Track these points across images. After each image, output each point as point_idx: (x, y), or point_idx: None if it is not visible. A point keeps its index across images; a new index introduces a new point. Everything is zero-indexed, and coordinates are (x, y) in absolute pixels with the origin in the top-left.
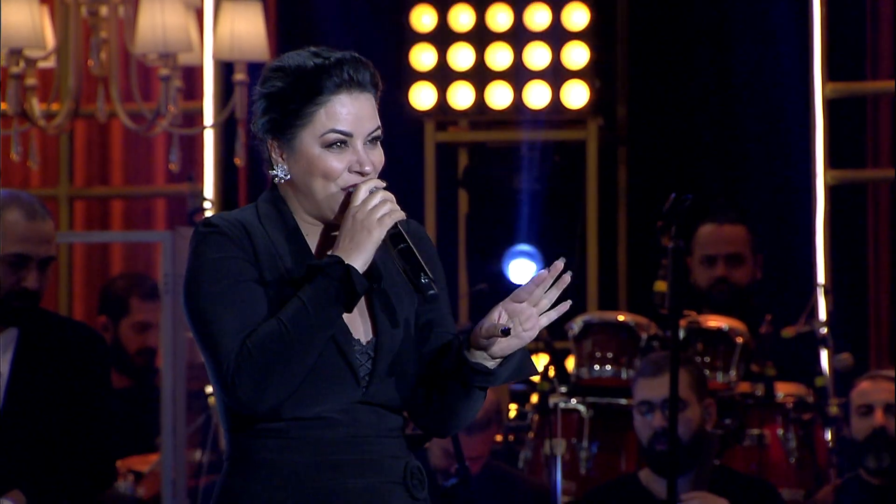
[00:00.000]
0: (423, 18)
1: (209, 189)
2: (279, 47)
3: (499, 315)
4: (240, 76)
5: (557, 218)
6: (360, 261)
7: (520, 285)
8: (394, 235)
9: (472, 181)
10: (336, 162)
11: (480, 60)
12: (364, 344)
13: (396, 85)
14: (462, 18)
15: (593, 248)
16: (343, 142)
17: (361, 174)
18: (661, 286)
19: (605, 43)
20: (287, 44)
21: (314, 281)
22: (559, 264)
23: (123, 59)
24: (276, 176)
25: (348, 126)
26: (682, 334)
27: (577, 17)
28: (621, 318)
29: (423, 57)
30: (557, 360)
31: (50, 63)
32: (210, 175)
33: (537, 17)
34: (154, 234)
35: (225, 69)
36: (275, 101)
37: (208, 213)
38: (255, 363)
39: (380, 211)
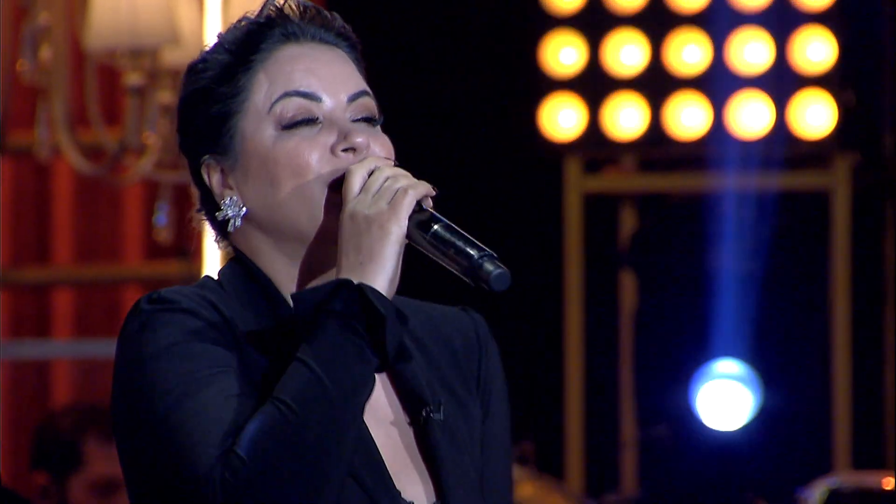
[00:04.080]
0: None
1: (212, 270)
2: None
3: None
4: None
5: (783, 318)
6: (380, 277)
7: (718, 431)
8: (421, 222)
9: (644, 256)
10: (307, 145)
11: (656, 60)
12: None
13: (520, 100)
14: None
15: (844, 369)
16: (311, 117)
17: (354, 151)
18: None
19: (862, 28)
20: None
21: (315, 327)
22: None
23: (75, 58)
24: (228, 219)
25: (309, 84)
26: None
27: None
28: (889, 483)
29: (563, 53)
30: None
31: None
32: (215, 248)
33: None
34: None
35: None
36: (197, 99)
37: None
38: (255, 476)
39: (390, 190)
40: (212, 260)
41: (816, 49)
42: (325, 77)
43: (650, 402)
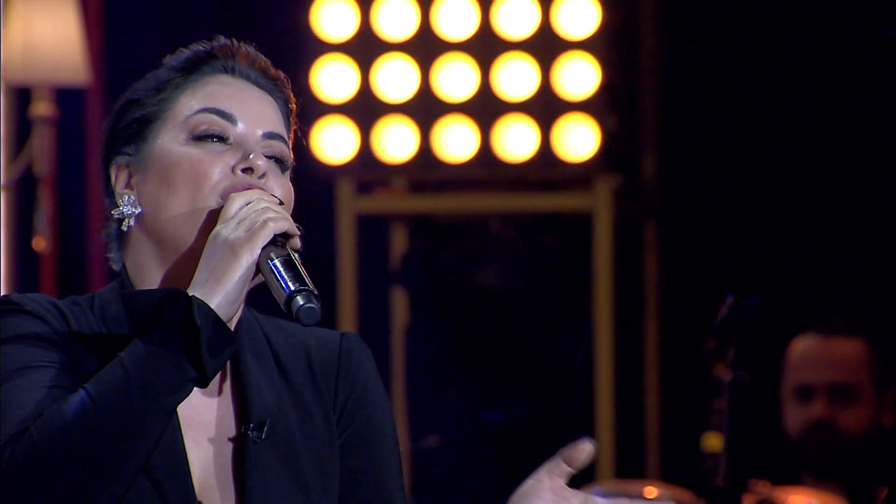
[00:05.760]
0: (336, 19)
1: None
2: (107, 60)
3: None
4: (41, 108)
5: (548, 333)
6: (218, 296)
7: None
8: (271, 256)
9: (414, 275)
10: (210, 159)
11: (425, 85)
12: None
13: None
14: (397, 19)
15: (606, 382)
16: (222, 135)
17: (252, 171)
18: (713, 442)
19: (623, 56)
20: (119, 54)
21: (141, 330)
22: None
23: None
24: (122, 217)
25: (231, 107)
26: None
27: (577, 18)
28: (650, 492)
29: (334, 78)
30: None
31: None
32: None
33: (515, 18)
34: None
35: (20, 98)
36: (127, 107)
37: None
38: (41, 454)
39: (252, 220)
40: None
41: (579, 75)
42: (248, 108)
43: (424, 413)
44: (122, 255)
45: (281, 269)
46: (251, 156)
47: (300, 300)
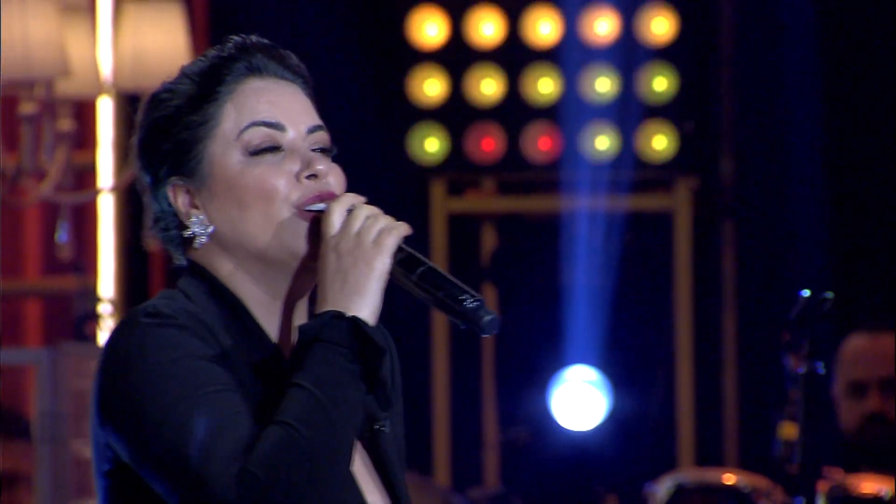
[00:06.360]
0: (429, 30)
1: (107, 285)
2: None
3: None
4: None
5: (631, 327)
6: (366, 309)
7: (573, 432)
8: (403, 260)
9: (503, 272)
10: (273, 172)
11: (513, 91)
12: None
13: (391, 128)
14: (486, 30)
15: (686, 374)
16: (275, 145)
17: (316, 177)
18: (789, 431)
19: (700, 64)
20: None
21: (311, 355)
22: None
23: None
24: (195, 236)
25: (274, 115)
26: None
27: (656, 28)
28: (729, 479)
29: (427, 85)
30: None
31: None
32: (109, 264)
33: (599, 28)
34: (24, 352)
35: (131, 105)
36: (164, 126)
37: (108, 321)
38: (270, 490)
39: (373, 229)
40: (106, 275)
41: (659, 82)
42: (287, 110)
43: (511, 405)
44: (196, 258)
45: (436, 278)
46: (311, 162)
47: (483, 313)
